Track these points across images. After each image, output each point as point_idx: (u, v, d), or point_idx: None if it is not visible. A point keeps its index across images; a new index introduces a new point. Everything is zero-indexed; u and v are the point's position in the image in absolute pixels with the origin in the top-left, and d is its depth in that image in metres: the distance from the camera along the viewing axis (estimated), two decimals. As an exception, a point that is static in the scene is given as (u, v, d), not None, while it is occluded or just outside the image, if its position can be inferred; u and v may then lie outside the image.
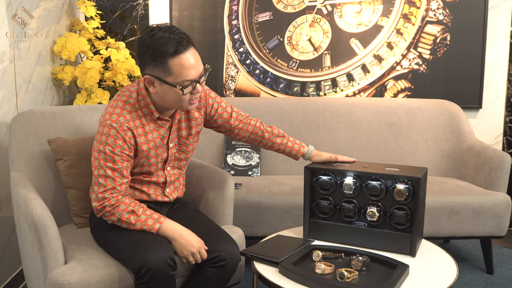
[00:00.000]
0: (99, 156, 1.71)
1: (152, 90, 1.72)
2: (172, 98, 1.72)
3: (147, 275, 1.59)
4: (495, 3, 3.18)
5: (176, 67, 1.65)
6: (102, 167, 1.71)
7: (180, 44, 1.64)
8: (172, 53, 1.64)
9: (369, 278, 1.67)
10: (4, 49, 2.32)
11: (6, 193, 2.36)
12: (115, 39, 3.17)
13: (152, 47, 1.64)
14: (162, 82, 1.68)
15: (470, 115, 3.26)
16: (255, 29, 3.25)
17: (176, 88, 1.68)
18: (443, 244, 3.11)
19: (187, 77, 1.67)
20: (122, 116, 1.73)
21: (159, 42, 1.63)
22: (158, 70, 1.67)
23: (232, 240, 1.82)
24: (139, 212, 1.71)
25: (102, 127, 1.72)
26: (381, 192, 1.86)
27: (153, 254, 1.61)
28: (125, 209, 1.71)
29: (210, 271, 1.74)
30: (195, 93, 1.73)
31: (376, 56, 3.23)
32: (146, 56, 1.67)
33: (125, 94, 1.78)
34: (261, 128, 2.06)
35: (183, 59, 1.65)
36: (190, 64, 1.66)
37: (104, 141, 1.70)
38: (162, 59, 1.64)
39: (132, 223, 1.70)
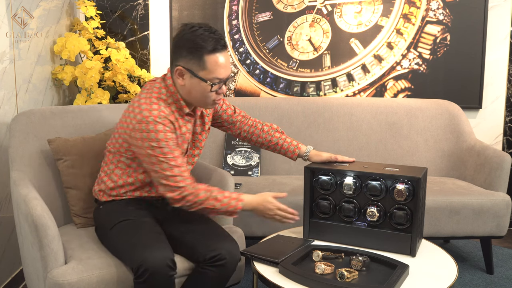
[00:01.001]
0: (154, 152, 1.72)
1: (180, 82, 1.78)
2: (198, 93, 1.78)
3: (145, 274, 1.60)
4: (495, 3, 3.18)
5: (211, 63, 1.73)
6: (164, 161, 1.73)
7: (219, 43, 1.74)
8: (210, 50, 1.72)
9: (369, 278, 1.67)
10: (4, 49, 2.32)
11: (6, 193, 2.36)
12: (115, 39, 3.17)
13: (192, 40, 1.72)
14: (193, 75, 1.75)
15: (470, 115, 3.26)
16: (255, 29, 3.25)
17: (205, 84, 1.75)
18: (443, 244, 3.11)
19: (218, 75, 1.75)
20: (161, 111, 1.75)
21: (200, 37, 1.72)
22: (192, 63, 1.74)
23: (232, 239, 1.83)
24: (219, 196, 1.78)
25: (145, 124, 1.72)
26: (381, 192, 1.86)
27: (151, 254, 1.62)
28: (205, 196, 1.76)
29: (209, 270, 1.74)
30: (220, 93, 1.81)
31: (376, 56, 3.23)
32: (184, 48, 1.74)
33: (154, 91, 1.81)
34: (260, 122, 2.14)
35: (218, 57, 1.74)
36: (223, 64, 1.75)
37: (155, 138, 1.71)
38: (199, 53, 1.72)
39: (217, 208, 1.78)
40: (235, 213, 1.82)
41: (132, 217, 1.82)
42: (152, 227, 1.81)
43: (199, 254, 1.75)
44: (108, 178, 1.89)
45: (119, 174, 1.87)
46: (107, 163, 1.92)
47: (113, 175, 1.88)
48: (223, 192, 1.81)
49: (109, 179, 1.89)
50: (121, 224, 1.79)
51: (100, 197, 1.92)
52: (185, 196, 1.75)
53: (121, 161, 1.86)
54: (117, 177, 1.87)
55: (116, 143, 1.85)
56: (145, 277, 1.59)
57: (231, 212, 1.81)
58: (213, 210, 1.79)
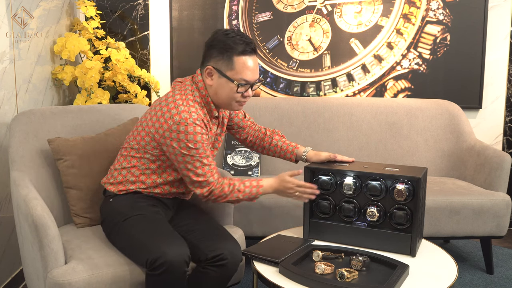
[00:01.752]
0: (190, 153, 1.77)
1: (209, 82, 1.85)
2: (225, 94, 1.84)
3: (161, 267, 1.61)
4: (495, 3, 3.18)
5: (239, 64, 1.81)
6: (198, 159, 1.79)
7: (249, 46, 1.82)
8: (240, 52, 1.80)
9: (369, 278, 1.67)
10: (4, 49, 2.32)
11: (6, 193, 2.36)
12: (115, 39, 3.17)
13: (223, 42, 1.81)
14: (221, 75, 1.82)
15: (470, 115, 3.26)
16: (255, 29, 3.25)
17: (232, 84, 1.82)
18: (443, 244, 3.11)
19: (245, 77, 1.82)
20: (199, 114, 1.80)
21: (231, 39, 1.81)
22: (221, 63, 1.81)
23: (234, 240, 1.84)
24: (241, 187, 1.86)
25: (184, 126, 1.75)
26: (381, 192, 1.86)
27: (170, 249, 1.64)
28: (229, 189, 1.84)
29: (211, 270, 1.75)
30: (246, 96, 1.87)
31: (376, 56, 3.23)
32: (215, 49, 1.82)
33: (187, 93, 1.85)
34: (264, 127, 2.20)
35: (247, 59, 1.82)
36: (251, 67, 1.83)
37: (193, 139, 1.76)
38: (229, 54, 1.80)
39: (240, 198, 1.87)
40: (255, 199, 1.91)
41: (146, 212, 1.84)
42: (167, 223, 1.84)
43: (201, 254, 1.75)
44: (128, 172, 1.89)
45: (142, 169, 1.89)
46: (126, 157, 1.91)
47: (136, 170, 1.89)
48: (244, 182, 1.88)
49: (128, 172, 1.89)
50: (137, 217, 1.81)
51: (113, 189, 1.91)
52: (212, 191, 1.83)
53: (145, 158, 1.88)
54: (139, 172, 1.89)
55: (142, 140, 1.87)
56: (161, 270, 1.61)
57: (252, 198, 1.90)
58: (237, 201, 1.88)
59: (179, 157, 1.78)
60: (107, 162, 2.07)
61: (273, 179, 1.93)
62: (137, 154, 1.88)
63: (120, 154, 1.96)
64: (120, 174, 1.91)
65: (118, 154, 1.98)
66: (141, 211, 1.84)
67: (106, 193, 1.96)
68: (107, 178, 1.96)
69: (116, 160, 1.96)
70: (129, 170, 1.90)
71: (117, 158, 1.97)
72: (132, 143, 1.91)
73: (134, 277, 1.73)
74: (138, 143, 1.88)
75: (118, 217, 1.83)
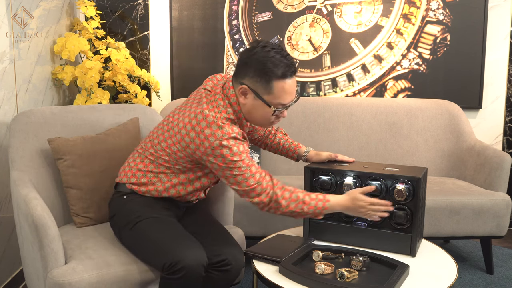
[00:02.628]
0: (237, 165, 1.70)
1: (242, 101, 1.76)
2: (259, 115, 1.77)
3: (181, 271, 1.61)
4: (495, 3, 3.18)
5: (278, 89, 1.71)
6: (247, 169, 1.72)
7: (289, 69, 1.71)
8: (280, 76, 1.69)
9: (369, 278, 1.67)
10: (4, 49, 2.32)
11: (6, 193, 2.36)
12: (115, 39, 3.17)
13: (262, 62, 1.68)
14: (257, 97, 1.73)
15: (470, 115, 3.26)
16: (255, 29, 3.25)
17: (268, 108, 1.74)
18: (443, 244, 3.11)
19: (283, 101, 1.74)
20: (234, 126, 1.73)
21: (271, 60, 1.68)
22: (259, 85, 1.71)
23: (238, 245, 1.85)
24: (306, 199, 1.76)
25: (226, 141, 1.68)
26: (381, 192, 1.86)
27: (190, 253, 1.64)
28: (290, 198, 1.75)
29: (214, 274, 1.75)
30: (280, 116, 1.80)
31: (376, 56, 3.23)
32: (252, 68, 1.70)
33: (220, 110, 1.75)
34: None
35: (287, 84, 1.71)
36: (290, 91, 1.73)
37: (237, 151, 1.70)
38: (268, 77, 1.69)
39: (305, 211, 1.76)
40: (321, 215, 1.80)
41: (161, 215, 1.82)
42: (182, 227, 1.83)
43: None
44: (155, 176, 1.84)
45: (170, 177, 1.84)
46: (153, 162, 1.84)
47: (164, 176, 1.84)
48: (309, 194, 1.78)
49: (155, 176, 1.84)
50: (152, 219, 1.78)
51: (135, 188, 1.86)
52: (271, 196, 1.75)
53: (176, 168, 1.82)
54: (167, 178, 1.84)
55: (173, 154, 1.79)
56: (180, 274, 1.61)
57: (317, 214, 1.79)
58: (300, 214, 1.78)
59: (226, 172, 1.72)
60: (107, 162, 2.07)
61: (343, 196, 1.81)
62: (167, 164, 1.82)
63: (145, 156, 1.87)
64: (145, 176, 1.85)
65: (142, 154, 1.88)
66: (156, 213, 1.82)
67: (119, 187, 1.91)
68: (126, 176, 1.89)
69: (140, 161, 1.88)
70: (157, 174, 1.84)
71: (141, 158, 1.88)
72: (160, 152, 1.82)
73: (135, 276, 1.73)
74: (169, 156, 1.80)
75: (131, 215, 1.80)
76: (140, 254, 1.76)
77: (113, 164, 2.06)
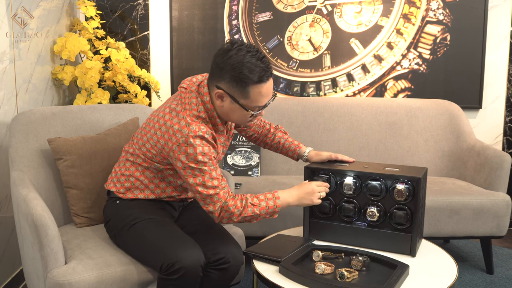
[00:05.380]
0: (199, 166, 1.68)
1: (219, 104, 1.75)
2: (236, 117, 1.78)
3: (178, 272, 1.61)
4: (495, 3, 3.18)
5: (255, 94, 1.70)
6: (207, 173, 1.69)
7: (266, 74, 1.69)
8: (256, 81, 1.68)
9: (369, 278, 1.67)
10: (4, 49, 2.32)
11: (6, 193, 2.36)
12: (115, 39, 3.17)
13: (238, 69, 1.66)
14: (234, 101, 1.72)
15: (470, 115, 3.26)
16: (255, 29, 3.25)
17: (246, 112, 1.74)
18: (443, 244, 3.11)
19: (260, 104, 1.74)
20: (202, 125, 1.71)
21: (246, 66, 1.66)
22: (235, 90, 1.70)
23: (236, 243, 1.84)
24: (255, 201, 1.76)
25: (192, 138, 1.66)
26: (381, 192, 1.86)
27: (187, 253, 1.64)
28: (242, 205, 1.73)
29: (213, 273, 1.74)
30: (258, 115, 1.80)
31: (376, 56, 3.23)
32: (229, 74, 1.68)
33: (192, 108, 1.75)
34: (268, 123, 2.15)
35: (263, 88, 1.70)
36: (267, 93, 1.73)
37: (201, 151, 1.67)
38: (244, 83, 1.67)
39: (257, 213, 1.75)
40: (275, 213, 1.80)
41: (156, 216, 1.82)
42: (178, 227, 1.82)
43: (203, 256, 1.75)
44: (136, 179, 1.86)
45: (150, 178, 1.85)
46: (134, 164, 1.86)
47: (144, 178, 1.85)
48: (258, 196, 1.78)
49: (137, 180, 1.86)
50: (148, 220, 1.79)
51: (120, 196, 1.88)
52: (223, 206, 1.72)
53: (153, 168, 1.83)
54: (148, 180, 1.85)
55: (148, 152, 1.80)
56: (178, 275, 1.61)
57: (271, 213, 1.79)
58: (254, 217, 1.76)
59: (188, 171, 1.69)
60: (107, 162, 2.07)
61: (291, 188, 1.84)
62: (145, 163, 1.83)
63: (126, 159, 1.89)
64: (127, 181, 1.87)
65: (123, 157, 1.91)
66: (152, 214, 1.82)
67: (111, 194, 1.93)
68: (113, 183, 1.91)
69: (123, 164, 1.90)
70: (138, 178, 1.85)
71: (123, 161, 1.91)
72: (137, 152, 1.84)
73: (134, 277, 1.73)
74: (144, 154, 1.82)
75: (126, 219, 1.80)
76: (137, 256, 1.76)
77: (113, 164, 2.06)
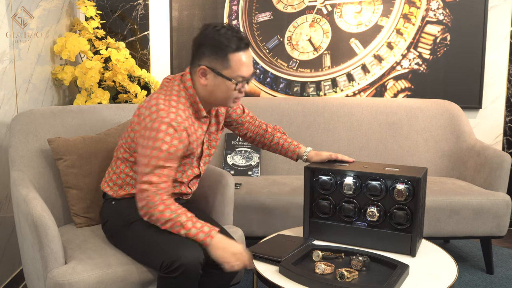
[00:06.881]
0: (152, 153, 1.66)
1: (203, 82, 1.77)
2: (222, 92, 1.78)
3: (178, 270, 1.60)
4: (495, 3, 3.18)
5: (235, 62, 1.74)
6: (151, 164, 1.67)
7: (242, 42, 1.74)
8: (235, 49, 1.73)
9: (369, 278, 1.67)
10: (4, 49, 2.32)
11: (6, 193, 2.36)
12: (115, 39, 3.17)
13: (216, 39, 1.72)
14: (216, 75, 1.75)
15: (470, 115, 3.26)
16: (255, 29, 3.25)
17: (229, 82, 1.75)
18: (443, 244, 3.11)
19: (242, 73, 1.76)
20: (179, 115, 1.73)
21: (224, 36, 1.72)
22: (216, 62, 1.74)
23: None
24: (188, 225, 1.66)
25: (157, 123, 1.68)
26: (381, 192, 1.86)
27: (187, 251, 1.63)
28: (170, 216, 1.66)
29: (213, 273, 1.74)
30: (242, 91, 1.81)
31: (376, 56, 3.23)
32: (207, 48, 1.74)
33: (173, 93, 1.78)
34: (265, 123, 2.15)
35: (242, 55, 1.75)
36: (247, 62, 1.76)
37: (162, 138, 1.67)
38: (223, 52, 1.72)
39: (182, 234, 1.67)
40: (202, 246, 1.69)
41: None
42: None
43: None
44: (127, 176, 1.86)
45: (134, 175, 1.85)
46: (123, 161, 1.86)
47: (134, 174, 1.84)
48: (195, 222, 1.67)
49: (127, 176, 1.86)
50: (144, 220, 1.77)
51: (113, 194, 1.88)
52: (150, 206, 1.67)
53: None
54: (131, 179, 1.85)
55: (132, 142, 1.81)
56: (177, 273, 1.60)
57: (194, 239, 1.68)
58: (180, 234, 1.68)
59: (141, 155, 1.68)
60: (107, 162, 2.07)
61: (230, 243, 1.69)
62: (132, 158, 1.84)
63: (117, 157, 1.91)
64: (119, 178, 1.88)
65: (115, 156, 1.93)
66: None
67: (106, 196, 1.93)
68: (106, 183, 1.91)
69: (114, 163, 1.91)
70: (128, 174, 1.86)
71: (114, 160, 1.92)
72: (124, 146, 1.86)
73: (134, 277, 1.73)
74: (129, 147, 1.83)
75: (123, 219, 1.80)
76: (137, 256, 1.76)
77: (113, 164, 2.06)
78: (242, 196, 2.53)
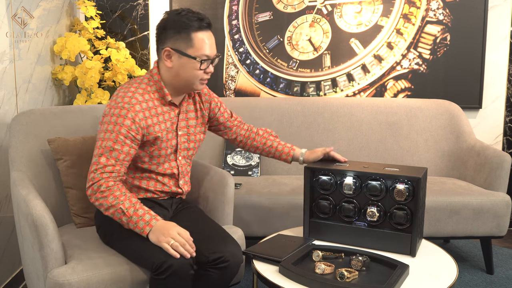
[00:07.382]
0: (105, 136, 1.73)
1: (168, 64, 1.81)
2: (187, 73, 1.81)
3: (168, 271, 1.60)
4: (495, 3, 3.18)
5: (198, 40, 1.78)
6: (102, 146, 1.73)
7: (204, 22, 1.80)
8: (197, 28, 1.78)
9: (369, 278, 1.67)
10: (4, 49, 2.32)
11: (6, 193, 2.36)
12: (115, 39, 3.17)
13: (178, 21, 1.78)
14: (181, 55, 1.79)
15: (470, 115, 3.26)
16: (255, 29, 3.25)
17: (194, 61, 1.78)
18: (443, 244, 3.11)
19: (205, 52, 1.79)
20: (134, 98, 1.78)
21: (185, 17, 1.78)
22: (180, 43, 1.78)
23: (234, 241, 1.83)
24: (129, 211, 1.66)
25: (112, 109, 1.75)
26: (381, 192, 1.86)
27: None
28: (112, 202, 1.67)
29: (212, 272, 1.74)
30: (208, 72, 1.84)
31: (376, 56, 3.23)
32: (170, 30, 1.79)
33: (136, 82, 1.86)
34: (255, 127, 2.17)
35: (205, 34, 1.80)
36: (210, 41, 1.81)
37: (114, 121, 1.73)
38: (186, 32, 1.77)
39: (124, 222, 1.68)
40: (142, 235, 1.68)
41: None
42: None
43: (201, 256, 1.74)
44: None
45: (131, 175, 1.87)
46: None
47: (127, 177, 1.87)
48: (137, 209, 1.67)
49: None
50: None
51: None
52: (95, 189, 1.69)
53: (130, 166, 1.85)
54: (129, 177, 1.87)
55: None
56: (167, 273, 1.61)
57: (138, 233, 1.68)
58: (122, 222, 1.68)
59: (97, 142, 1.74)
60: (107, 162, 2.07)
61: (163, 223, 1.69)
62: None
63: None
64: None
65: None
66: None
67: None
68: None
69: None
70: None
71: None
72: None
73: (134, 276, 1.73)
74: None
75: (115, 223, 1.78)
76: (130, 257, 1.76)
77: (113, 164, 2.06)
78: (242, 196, 2.53)
